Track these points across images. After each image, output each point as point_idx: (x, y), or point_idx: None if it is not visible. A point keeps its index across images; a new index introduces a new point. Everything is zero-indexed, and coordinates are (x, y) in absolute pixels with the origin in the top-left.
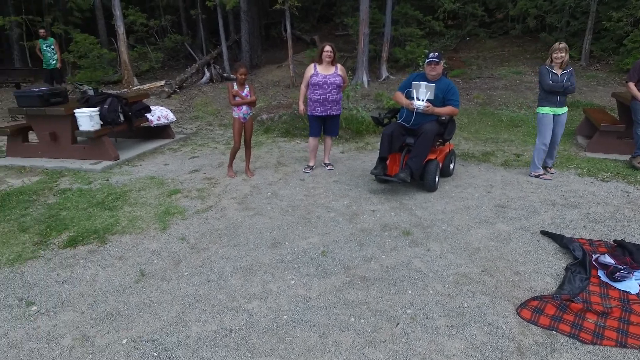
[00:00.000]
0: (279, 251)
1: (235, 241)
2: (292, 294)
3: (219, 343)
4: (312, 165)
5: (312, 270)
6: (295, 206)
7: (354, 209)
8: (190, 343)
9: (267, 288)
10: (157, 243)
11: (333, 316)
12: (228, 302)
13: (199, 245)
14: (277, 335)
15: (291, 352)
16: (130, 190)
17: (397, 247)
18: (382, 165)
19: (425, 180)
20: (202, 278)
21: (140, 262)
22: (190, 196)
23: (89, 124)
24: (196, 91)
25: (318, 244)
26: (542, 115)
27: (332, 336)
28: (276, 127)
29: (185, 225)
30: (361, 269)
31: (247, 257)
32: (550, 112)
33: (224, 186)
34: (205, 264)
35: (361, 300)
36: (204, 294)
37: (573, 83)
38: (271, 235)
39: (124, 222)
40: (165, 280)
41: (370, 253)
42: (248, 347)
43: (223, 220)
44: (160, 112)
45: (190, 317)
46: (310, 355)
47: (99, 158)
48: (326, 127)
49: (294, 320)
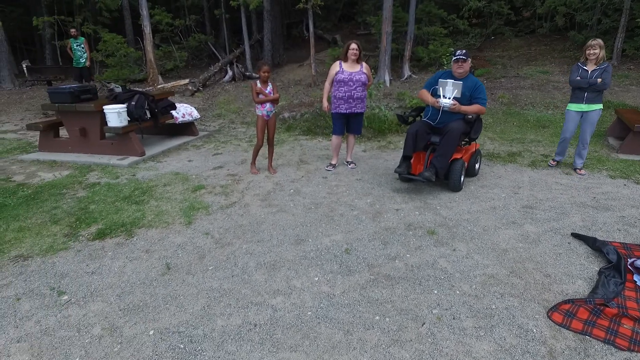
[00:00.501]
0: (302, 248)
1: (258, 237)
2: (316, 290)
3: (244, 337)
4: (335, 164)
5: (336, 267)
6: (318, 204)
7: (377, 207)
8: (215, 336)
9: (291, 284)
10: (182, 237)
11: (357, 314)
12: (252, 296)
13: (223, 240)
14: (301, 331)
15: (315, 348)
16: (156, 185)
17: (422, 247)
18: (406, 163)
19: (451, 179)
20: (226, 272)
21: (166, 256)
22: (214, 192)
23: (117, 120)
24: (219, 89)
25: (341, 241)
26: (566, 110)
27: (356, 334)
28: (298, 125)
29: (210, 220)
30: (385, 267)
31: (270, 253)
32: (576, 109)
33: (247, 183)
34: (230, 259)
35: (386, 299)
36: (228, 288)
37: (605, 79)
38: (294, 232)
39: (150, 216)
40: (191, 273)
41: (394, 252)
42: (272, 342)
43: (246, 217)
44: (185, 110)
45: (216, 310)
46: (335, 352)
47: (126, 154)
48: (350, 125)
49: (318, 317)
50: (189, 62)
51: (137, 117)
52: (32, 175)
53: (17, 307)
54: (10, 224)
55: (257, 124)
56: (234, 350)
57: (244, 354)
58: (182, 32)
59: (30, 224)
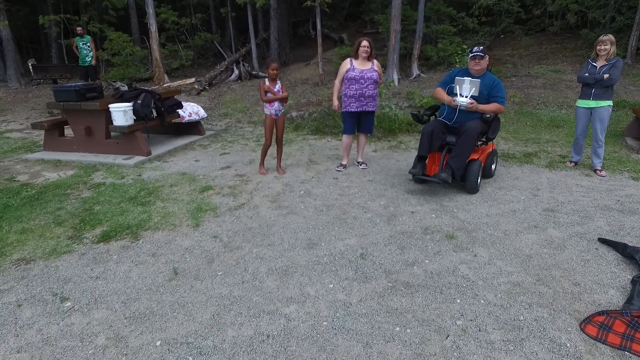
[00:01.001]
0: (315, 252)
1: (269, 240)
2: (331, 298)
3: (256, 349)
4: (346, 164)
5: (351, 273)
6: (330, 205)
7: (392, 210)
8: (226, 348)
9: (305, 291)
10: (189, 240)
11: (376, 324)
12: (264, 304)
13: (232, 244)
14: (317, 343)
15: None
16: (162, 185)
17: (441, 252)
18: (421, 164)
19: (467, 181)
20: (236, 278)
21: (173, 260)
22: (222, 193)
23: (122, 119)
24: (225, 88)
25: (356, 245)
26: (576, 107)
27: (376, 346)
28: (306, 125)
29: (218, 222)
30: (403, 274)
31: (282, 257)
32: (584, 105)
33: (255, 184)
34: (240, 264)
35: (406, 308)
36: (239, 295)
37: (613, 75)
38: (306, 236)
39: (157, 218)
40: (199, 279)
41: (412, 257)
42: (287, 355)
43: (256, 219)
44: (191, 109)
45: (226, 319)
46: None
47: (131, 153)
48: (360, 124)
49: (334, 328)
50: (195, 61)
51: (143, 115)
52: (37, 175)
53: (18, 314)
54: (13, 226)
55: (265, 123)
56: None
57: None
58: (188, 30)
59: (34, 226)
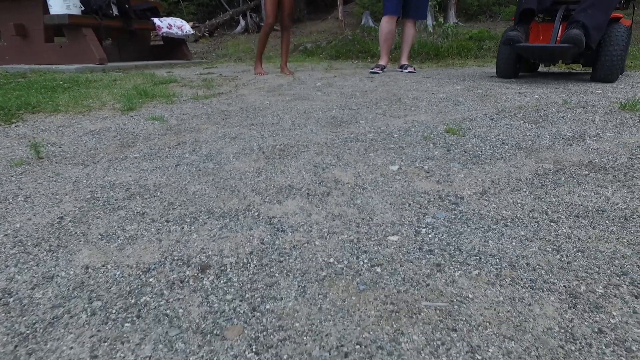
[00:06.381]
0: (346, 130)
1: (254, 120)
2: (400, 188)
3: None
4: (385, 65)
5: (437, 152)
6: (368, 91)
7: (481, 92)
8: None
9: (326, 177)
10: (104, 123)
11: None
12: (214, 201)
13: (183, 126)
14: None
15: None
16: (100, 79)
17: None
18: (523, 27)
19: (605, 57)
20: (166, 161)
21: (50, 142)
22: (191, 85)
23: (61, 6)
24: (229, 39)
25: (432, 122)
26: None
27: None
28: (324, 51)
29: (170, 109)
30: (567, 152)
31: (276, 137)
32: None
33: (246, 80)
34: (183, 145)
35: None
36: (156, 184)
37: None
38: (329, 115)
39: (64, 101)
40: (81, 164)
41: (567, 129)
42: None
43: (238, 104)
44: (173, 21)
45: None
46: None
47: (80, 61)
48: (408, 4)
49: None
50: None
51: (96, 8)
52: None
53: None
54: None
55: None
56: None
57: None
58: None
59: None
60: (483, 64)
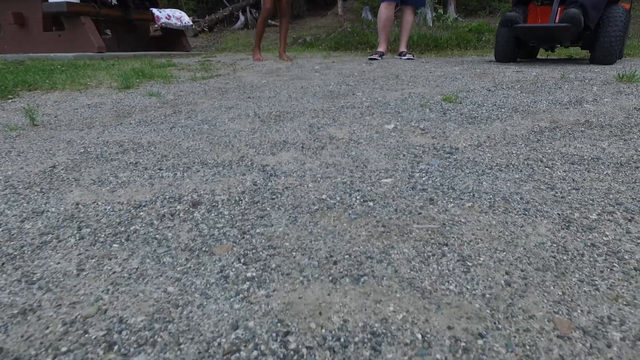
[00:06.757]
0: (344, 100)
1: (251, 94)
2: (399, 142)
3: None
4: (383, 51)
5: (434, 115)
6: (365, 71)
7: (479, 71)
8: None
9: (320, 135)
10: (100, 99)
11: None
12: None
13: (180, 100)
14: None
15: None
16: (98, 64)
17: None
18: (522, 9)
19: (603, 39)
20: (162, 125)
21: (45, 113)
22: (189, 69)
23: None
24: (228, 34)
25: (429, 93)
26: None
27: None
28: (323, 43)
29: (167, 87)
30: (564, 113)
31: (273, 106)
32: None
33: (245, 65)
34: (179, 113)
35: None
36: (149, 141)
37: None
38: (326, 89)
39: (61, 80)
40: (75, 129)
41: (559, 97)
42: None
43: (235, 82)
44: (172, 12)
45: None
46: None
47: (78, 50)
48: None
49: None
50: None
51: None
52: None
53: None
54: None
55: None
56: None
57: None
58: None
59: None
60: (482, 54)
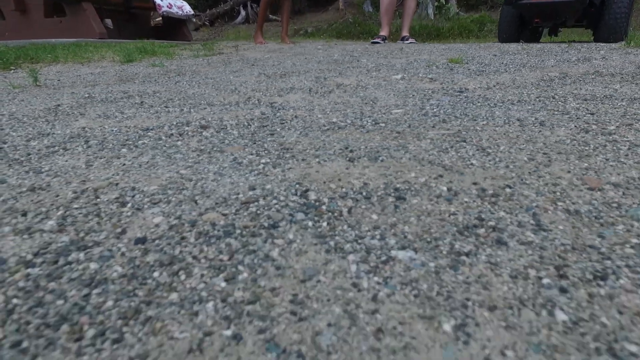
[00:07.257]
0: (349, 64)
1: (256, 64)
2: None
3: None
4: (386, 35)
5: (441, 71)
6: (369, 48)
7: (482, 46)
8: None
9: (327, 83)
10: (104, 69)
11: None
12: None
13: (184, 69)
14: None
15: None
16: (100, 46)
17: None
18: None
19: (607, 16)
20: (165, 85)
21: (48, 78)
22: (191, 49)
23: None
24: (229, 28)
25: (436, 58)
26: None
27: None
28: (325, 32)
29: (170, 62)
30: (577, 67)
31: (279, 67)
32: None
33: (247, 47)
34: (182, 76)
35: None
36: (152, 91)
37: None
38: (331, 59)
39: (63, 54)
40: (74, 88)
41: (568, 57)
42: None
43: (238, 58)
44: (173, 1)
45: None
46: None
47: (80, 36)
48: None
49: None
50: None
51: None
52: None
53: None
54: None
55: None
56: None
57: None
58: None
59: None
60: (485, 42)
